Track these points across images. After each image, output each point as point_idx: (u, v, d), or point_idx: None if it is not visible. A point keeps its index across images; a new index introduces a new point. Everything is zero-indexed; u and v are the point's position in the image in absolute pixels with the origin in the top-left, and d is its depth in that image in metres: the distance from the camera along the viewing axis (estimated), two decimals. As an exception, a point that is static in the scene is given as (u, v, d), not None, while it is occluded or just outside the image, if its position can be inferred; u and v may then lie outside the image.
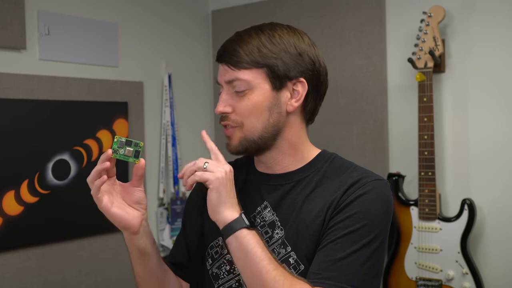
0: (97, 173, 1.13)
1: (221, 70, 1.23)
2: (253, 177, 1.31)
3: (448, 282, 2.18)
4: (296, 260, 1.18)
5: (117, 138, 1.14)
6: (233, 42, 1.22)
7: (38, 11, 2.28)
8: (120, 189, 1.19)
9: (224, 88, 1.22)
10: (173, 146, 2.78)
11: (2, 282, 2.13)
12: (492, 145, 2.25)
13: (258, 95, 1.20)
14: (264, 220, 1.23)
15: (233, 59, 1.20)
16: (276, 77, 1.21)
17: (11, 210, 2.14)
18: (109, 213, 1.15)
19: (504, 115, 2.23)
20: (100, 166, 1.13)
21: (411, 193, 2.38)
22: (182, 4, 2.91)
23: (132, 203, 1.19)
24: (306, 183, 1.23)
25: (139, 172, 1.18)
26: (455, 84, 2.33)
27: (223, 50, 1.22)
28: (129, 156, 1.15)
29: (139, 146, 1.16)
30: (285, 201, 1.23)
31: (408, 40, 2.39)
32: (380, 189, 1.17)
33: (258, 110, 1.20)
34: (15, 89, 2.19)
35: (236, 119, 1.21)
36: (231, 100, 1.21)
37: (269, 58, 1.19)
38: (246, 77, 1.19)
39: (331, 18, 2.62)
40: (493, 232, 2.25)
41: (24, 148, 2.20)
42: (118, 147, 1.14)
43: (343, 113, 2.59)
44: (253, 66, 1.19)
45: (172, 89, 2.81)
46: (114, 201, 1.17)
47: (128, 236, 1.20)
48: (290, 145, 1.26)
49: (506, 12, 2.21)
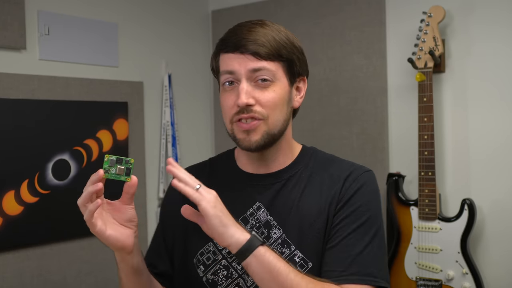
0: (89, 196, 1.05)
1: (239, 60, 1.16)
2: (237, 177, 1.28)
3: (448, 282, 2.18)
4: (303, 258, 1.18)
5: (108, 157, 1.08)
6: (251, 32, 1.16)
7: (38, 11, 2.28)
8: (109, 208, 1.12)
9: (244, 78, 1.15)
10: (173, 146, 2.78)
11: (2, 282, 2.13)
12: (492, 145, 2.25)
13: (281, 88, 1.18)
14: (259, 221, 1.22)
15: (260, 49, 1.15)
16: (292, 73, 1.21)
17: (11, 210, 2.14)
18: (104, 236, 1.08)
19: (504, 115, 2.23)
20: (92, 188, 1.05)
21: (411, 193, 2.38)
22: (182, 4, 2.91)
23: (123, 221, 1.12)
24: (296, 180, 1.24)
25: (131, 191, 1.11)
26: (455, 84, 2.33)
27: (244, 40, 1.16)
28: (121, 175, 1.09)
29: (129, 163, 1.09)
30: (278, 200, 1.23)
31: (408, 40, 2.39)
32: (372, 180, 1.24)
33: (281, 103, 1.18)
34: (15, 89, 2.19)
35: (262, 112, 1.16)
36: (253, 92, 1.16)
37: (289, 52, 1.19)
38: (272, 68, 1.16)
39: (331, 18, 2.63)
40: (493, 232, 2.25)
41: (24, 148, 2.20)
42: (109, 166, 1.08)
43: (343, 113, 2.59)
44: (277, 59, 1.17)
45: (172, 89, 2.81)
46: (107, 223, 1.10)
47: (122, 256, 1.14)
48: (286, 141, 1.26)
49: (506, 12, 2.21)
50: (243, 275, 1.20)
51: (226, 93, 1.19)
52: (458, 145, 2.32)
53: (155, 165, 2.73)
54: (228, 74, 1.18)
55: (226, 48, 1.18)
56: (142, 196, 2.63)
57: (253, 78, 1.16)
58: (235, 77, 1.17)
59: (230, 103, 1.18)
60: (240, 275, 1.20)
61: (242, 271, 1.20)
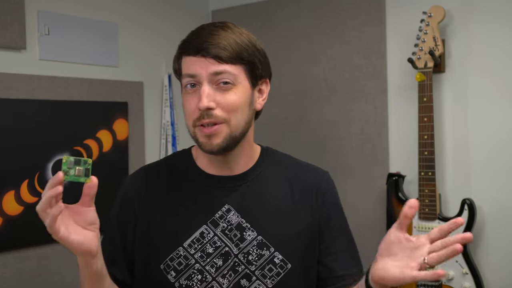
0: (48, 200, 1.00)
1: (200, 63, 1.16)
2: (200, 179, 1.26)
3: (448, 282, 2.18)
4: (283, 260, 1.21)
5: (66, 158, 1.03)
6: (213, 35, 1.16)
7: (38, 11, 2.28)
8: (68, 212, 1.06)
9: (206, 82, 1.15)
10: (173, 146, 2.78)
11: (2, 282, 2.13)
12: (493, 145, 2.25)
13: (242, 91, 1.18)
14: (231, 224, 1.21)
15: (222, 52, 1.15)
16: (253, 75, 1.21)
17: (11, 210, 2.14)
18: (68, 241, 1.02)
19: (504, 114, 2.23)
20: (52, 192, 0.99)
21: (411, 193, 2.38)
22: (182, 4, 2.91)
23: (85, 224, 1.06)
24: (261, 181, 1.26)
25: (91, 192, 1.05)
26: (455, 84, 2.33)
27: (206, 43, 1.16)
28: (80, 176, 1.04)
29: (88, 163, 1.05)
30: (248, 201, 1.23)
31: (408, 40, 2.39)
32: (332, 182, 1.35)
33: (243, 106, 1.18)
34: (15, 89, 2.19)
35: (223, 115, 1.15)
36: (214, 95, 1.15)
37: (250, 55, 1.19)
38: (234, 71, 1.17)
39: (331, 18, 2.62)
40: (493, 232, 2.25)
41: (24, 148, 2.20)
42: (68, 168, 1.03)
43: (343, 113, 2.59)
44: (238, 62, 1.17)
45: (172, 89, 2.81)
46: (69, 227, 1.04)
47: (86, 261, 1.08)
48: (248, 143, 1.27)
49: (506, 12, 2.21)
50: (217, 278, 1.19)
51: (188, 95, 1.19)
52: (458, 145, 2.32)
53: (155, 165, 2.73)
54: (190, 78, 1.17)
55: (188, 51, 1.19)
56: (142, 196, 2.63)
57: (215, 81, 1.16)
58: (197, 80, 1.17)
59: (192, 106, 1.17)
60: (214, 278, 1.19)
61: (215, 274, 1.19)
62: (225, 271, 1.19)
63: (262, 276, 1.19)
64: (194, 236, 1.21)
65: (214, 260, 1.20)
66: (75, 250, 1.05)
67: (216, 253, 1.20)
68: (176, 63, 1.24)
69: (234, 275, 1.19)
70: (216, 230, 1.21)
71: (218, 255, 1.20)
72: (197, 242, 1.21)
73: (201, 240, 1.21)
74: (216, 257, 1.20)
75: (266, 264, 1.20)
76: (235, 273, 1.19)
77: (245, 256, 1.20)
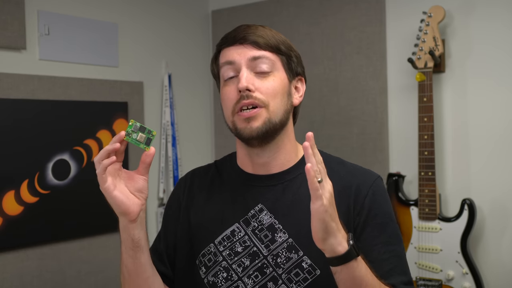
0: (106, 153, 1.09)
1: (239, 50, 1.19)
2: (238, 178, 1.27)
3: (448, 282, 2.18)
4: (311, 265, 1.16)
5: (132, 122, 1.11)
6: (250, 28, 1.20)
7: (38, 11, 2.28)
8: (125, 176, 1.14)
9: (244, 67, 1.17)
10: (173, 146, 2.78)
11: (2, 282, 2.13)
12: (493, 145, 2.25)
13: (280, 78, 1.20)
14: (262, 224, 1.20)
15: (260, 39, 1.18)
16: (290, 69, 1.23)
17: (11, 210, 2.14)
18: (111, 195, 1.10)
19: (504, 115, 2.23)
20: (110, 146, 1.08)
21: (411, 193, 2.38)
22: (182, 4, 2.91)
23: (134, 190, 1.14)
24: (300, 182, 1.22)
25: (147, 160, 1.13)
26: (455, 84, 2.33)
27: (244, 32, 1.19)
28: (141, 142, 1.12)
29: (151, 134, 1.13)
30: (282, 202, 1.21)
31: (408, 40, 2.39)
32: (383, 188, 1.25)
33: (281, 92, 1.19)
34: (15, 89, 2.19)
35: (262, 99, 1.16)
36: (253, 79, 1.17)
37: (287, 49, 1.22)
38: (272, 57, 1.19)
39: (331, 18, 2.63)
40: (493, 232, 2.25)
41: (24, 148, 2.20)
42: (132, 131, 1.11)
43: (343, 113, 2.59)
44: (276, 52, 1.20)
45: (172, 89, 2.81)
46: (117, 185, 1.12)
47: (125, 223, 1.15)
48: (289, 140, 1.25)
49: (506, 12, 2.21)
50: (243, 278, 1.19)
51: (227, 87, 1.20)
52: (458, 145, 2.32)
53: (155, 165, 2.73)
54: (228, 65, 1.19)
55: (226, 43, 1.21)
56: (142, 196, 2.63)
57: (253, 67, 1.18)
58: (235, 67, 1.18)
59: (232, 95, 1.18)
60: (240, 277, 1.19)
61: (242, 274, 1.19)
62: (251, 272, 1.19)
63: (288, 280, 1.17)
64: (225, 234, 1.22)
65: (242, 259, 1.20)
66: (115, 207, 1.12)
67: (245, 253, 1.20)
68: (214, 64, 1.26)
69: (261, 277, 1.18)
70: (247, 229, 1.21)
71: (246, 255, 1.20)
72: (227, 240, 1.22)
73: (231, 238, 1.21)
74: (244, 257, 1.20)
75: (293, 268, 1.17)
76: (262, 275, 1.18)
77: (274, 258, 1.18)
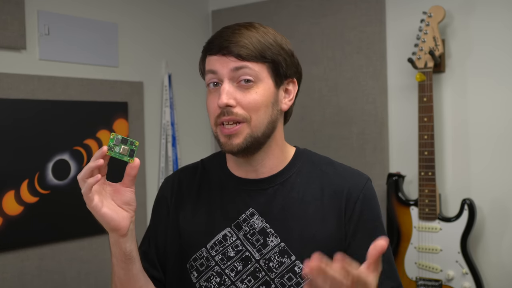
0: (89, 171, 1.05)
1: (221, 61, 1.15)
2: (228, 181, 1.25)
3: (448, 282, 2.18)
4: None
5: (114, 135, 1.09)
6: (235, 34, 1.16)
7: (38, 11, 2.28)
8: (110, 189, 1.11)
9: (226, 79, 1.14)
10: (173, 146, 2.78)
11: (2, 282, 2.13)
12: (493, 145, 2.25)
13: (264, 89, 1.16)
14: (253, 228, 1.19)
15: (242, 51, 1.13)
16: (278, 74, 1.19)
17: (11, 210, 2.14)
18: (99, 213, 1.08)
19: (504, 115, 2.23)
20: (93, 164, 1.05)
21: (411, 193, 2.38)
22: (182, 4, 2.91)
23: (121, 203, 1.11)
24: (290, 185, 1.22)
25: (132, 172, 1.10)
26: (455, 84, 2.33)
27: (227, 42, 1.15)
28: (124, 155, 1.09)
29: (134, 145, 1.10)
30: (273, 206, 1.20)
31: (408, 40, 2.39)
32: (372, 190, 1.24)
33: (265, 104, 1.16)
34: (15, 89, 2.19)
35: (243, 114, 1.14)
36: (235, 93, 1.14)
37: (274, 54, 1.17)
38: (255, 68, 1.15)
39: (331, 18, 2.63)
40: (493, 232, 2.25)
41: (24, 148, 2.20)
42: (114, 145, 1.08)
43: (343, 113, 2.59)
44: (260, 61, 1.16)
45: (172, 89, 2.81)
46: (104, 201, 1.09)
47: (115, 238, 1.13)
48: (277, 145, 1.23)
49: (506, 12, 2.21)
50: (236, 282, 1.19)
51: (211, 94, 1.19)
52: (458, 145, 2.32)
53: (155, 165, 2.73)
54: (212, 74, 1.17)
55: (211, 51, 1.18)
56: (142, 196, 2.63)
57: (236, 79, 1.14)
58: (218, 77, 1.16)
59: (214, 105, 1.16)
60: (233, 282, 1.19)
61: (235, 278, 1.19)
62: (244, 276, 1.18)
63: (281, 284, 1.16)
64: (217, 238, 1.21)
65: (235, 264, 1.19)
66: (105, 224, 1.10)
67: (237, 257, 1.19)
68: (201, 64, 1.23)
69: (254, 281, 1.18)
70: (239, 234, 1.20)
71: (239, 259, 1.19)
72: (219, 244, 1.21)
73: (224, 243, 1.20)
74: (237, 261, 1.19)
75: (286, 273, 1.17)
76: (254, 279, 1.18)
77: (266, 263, 1.18)
